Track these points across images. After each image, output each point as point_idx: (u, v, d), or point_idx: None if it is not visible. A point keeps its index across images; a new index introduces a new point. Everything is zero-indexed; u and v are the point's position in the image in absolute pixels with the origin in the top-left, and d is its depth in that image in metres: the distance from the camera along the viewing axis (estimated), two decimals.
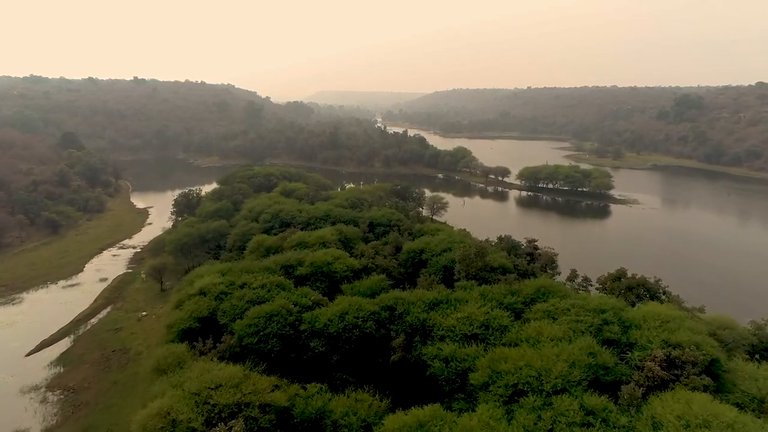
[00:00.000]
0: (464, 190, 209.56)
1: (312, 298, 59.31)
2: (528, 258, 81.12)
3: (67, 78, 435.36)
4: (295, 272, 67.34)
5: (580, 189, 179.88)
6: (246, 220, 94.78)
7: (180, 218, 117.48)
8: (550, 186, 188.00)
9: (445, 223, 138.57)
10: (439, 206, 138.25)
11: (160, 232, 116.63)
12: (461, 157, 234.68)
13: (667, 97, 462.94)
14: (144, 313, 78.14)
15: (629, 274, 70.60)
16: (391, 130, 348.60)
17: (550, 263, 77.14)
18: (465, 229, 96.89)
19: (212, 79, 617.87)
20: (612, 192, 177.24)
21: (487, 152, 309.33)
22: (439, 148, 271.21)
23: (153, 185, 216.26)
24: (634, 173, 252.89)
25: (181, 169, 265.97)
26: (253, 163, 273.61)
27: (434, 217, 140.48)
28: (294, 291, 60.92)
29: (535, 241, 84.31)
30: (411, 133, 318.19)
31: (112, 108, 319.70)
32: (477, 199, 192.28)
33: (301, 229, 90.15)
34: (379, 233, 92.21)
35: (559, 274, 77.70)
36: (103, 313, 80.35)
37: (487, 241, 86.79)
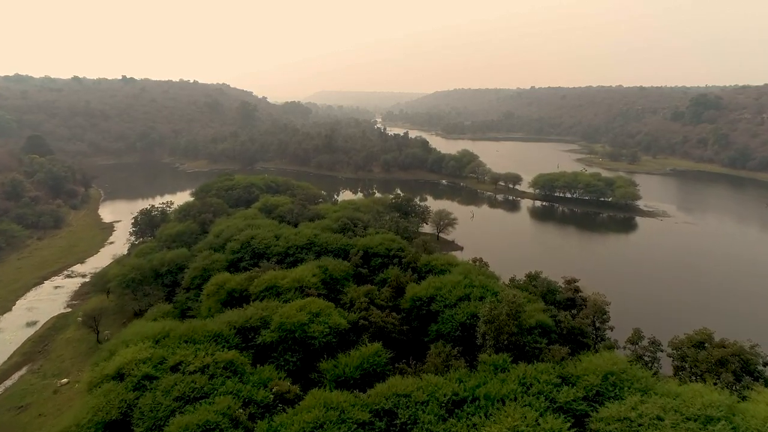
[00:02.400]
0: (471, 198, 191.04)
1: (274, 389, 40.62)
2: (568, 304, 62.53)
3: (52, 77, 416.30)
4: (256, 339, 48.63)
5: (602, 199, 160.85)
6: (209, 250, 76.00)
7: (140, 241, 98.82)
8: (568, 195, 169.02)
9: (453, 242, 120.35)
10: (446, 222, 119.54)
11: (111, 260, 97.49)
12: (467, 162, 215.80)
13: (678, 97, 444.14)
14: (65, 380, 59.41)
15: (711, 334, 52.15)
16: (391, 131, 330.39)
17: (599, 314, 58.45)
18: (482, 261, 78.10)
19: (209, 79, 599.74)
20: (637, 202, 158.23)
21: (493, 155, 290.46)
22: (441, 150, 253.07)
23: (131, 193, 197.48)
24: (652, 179, 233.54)
25: (166, 174, 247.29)
26: (243, 168, 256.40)
27: (441, 235, 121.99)
28: (249, 375, 42.27)
29: (575, 281, 65.62)
30: (412, 134, 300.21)
31: (95, 108, 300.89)
32: (485, 208, 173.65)
33: (277, 262, 71.62)
34: (375, 266, 73.59)
35: (611, 329, 59.05)
36: (15, 376, 61.72)
37: (513, 281, 68.12)
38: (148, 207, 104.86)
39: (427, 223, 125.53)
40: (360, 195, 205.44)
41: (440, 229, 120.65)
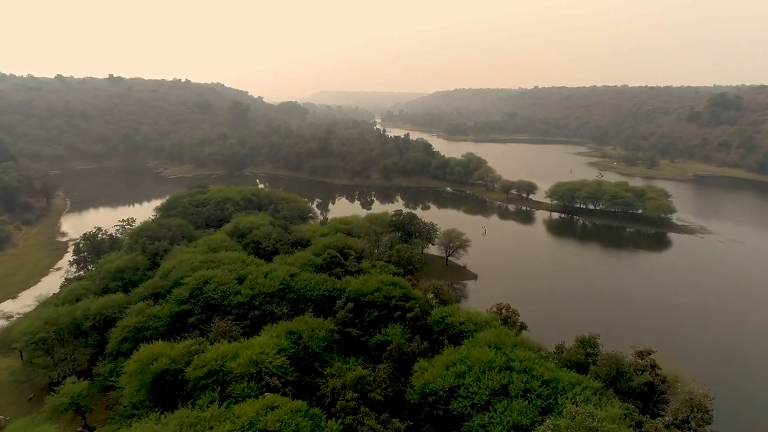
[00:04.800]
0: (479, 207, 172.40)
1: None
2: (645, 392, 43.66)
3: (36, 76, 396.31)
4: None
5: (631, 211, 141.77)
6: (146, 300, 57.08)
7: (77, 275, 79.92)
8: (591, 207, 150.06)
9: (465, 268, 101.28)
10: (456, 245, 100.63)
11: (37, 303, 77.80)
12: (474, 168, 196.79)
13: (690, 97, 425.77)
14: None
15: None
16: (391, 133, 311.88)
17: (701, 412, 39.61)
18: (509, 309, 59.40)
19: (207, 79, 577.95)
20: (670, 216, 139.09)
21: (499, 158, 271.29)
22: (443, 152, 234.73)
23: (104, 201, 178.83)
24: (674, 186, 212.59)
25: (147, 180, 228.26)
26: (231, 173, 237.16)
27: (451, 259, 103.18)
28: None
29: (649, 353, 46.79)
30: (413, 135, 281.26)
31: (75, 109, 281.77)
32: (496, 220, 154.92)
33: (237, 318, 52.99)
34: (369, 321, 54.81)
35: None
36: None
37: (561, 351, 49.23)
38: (94, 230, 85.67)
39: (433, 244, 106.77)
40: (357, 203, 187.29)
41: (450, 252, 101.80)
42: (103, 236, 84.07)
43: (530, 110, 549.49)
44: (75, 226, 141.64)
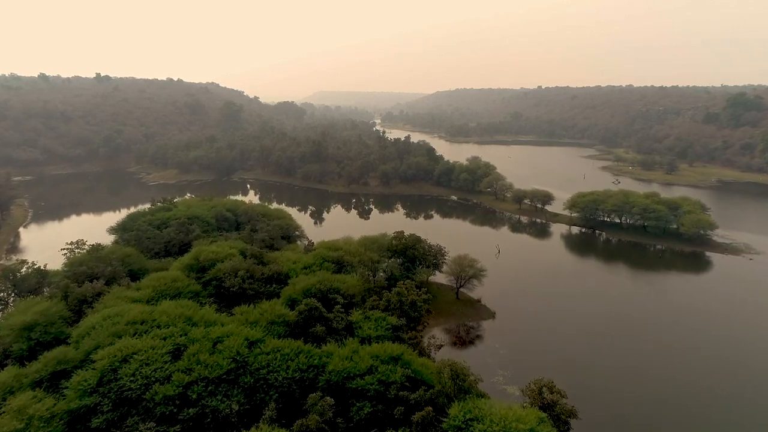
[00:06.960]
0: (487, 218, 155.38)
1: None
2: None
3: (19, 75, 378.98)
4: None
5: (664, 227, 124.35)
6: (41, 385, 39.75)
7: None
8: (617, 220, 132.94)
9: (479, 302, 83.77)
10: (469, 274, 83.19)
11: None
12: (482, 174, 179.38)
13: (703, 98, 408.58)
14: None
15: None
16: (390, 134, 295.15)
17: None
18: (552, 388, 42.50)
19: (203, 78, 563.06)
20: (708, 232, 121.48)
21: (505, 162, 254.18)
22: (446, 154, 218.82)
23: (76, 210, 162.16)
24: (698, 193, 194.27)
25: (128, 186, 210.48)
26: (218, 179, 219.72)
27: (462, 290, 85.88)
28: None
29: None
30: (413, 137, 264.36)
31: (54, 109, 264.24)
32: (507, 234, 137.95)
33: (161, 420, 35.75)
34: (359, 421, 37.62)
35: None
36: None
37: None
38: (16, 261, 68.26)
39: (441, 271, 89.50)
40: (354, 212, 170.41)
41: (461, 282, 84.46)
42: (29, 270, 66.59)
43: (534, 111, 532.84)
44: (33, 240, 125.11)
